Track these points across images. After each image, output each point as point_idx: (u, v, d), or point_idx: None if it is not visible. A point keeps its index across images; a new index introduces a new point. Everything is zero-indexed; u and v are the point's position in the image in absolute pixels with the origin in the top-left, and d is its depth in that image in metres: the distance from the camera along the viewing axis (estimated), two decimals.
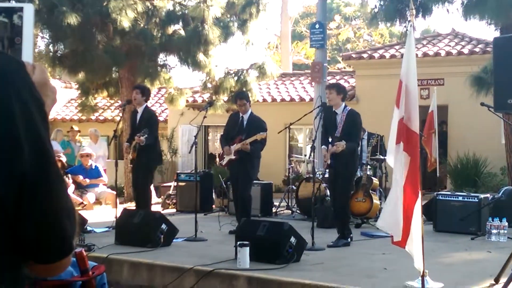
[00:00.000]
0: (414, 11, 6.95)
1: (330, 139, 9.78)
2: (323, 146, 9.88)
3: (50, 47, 17.32)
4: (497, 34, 15.23)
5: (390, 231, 6.54)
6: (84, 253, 3.76)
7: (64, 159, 15.31)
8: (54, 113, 25.53)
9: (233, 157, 10.96)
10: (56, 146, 16.38)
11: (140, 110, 11.48)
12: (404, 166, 6.33)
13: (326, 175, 12.80)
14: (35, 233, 1.64)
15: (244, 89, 17.58)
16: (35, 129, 1.64)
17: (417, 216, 6.33)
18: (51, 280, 3.64)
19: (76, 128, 18.53)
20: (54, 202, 1.65)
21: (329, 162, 9.69)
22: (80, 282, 3.76)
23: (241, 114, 11.19)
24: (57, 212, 1.66)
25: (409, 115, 6.41)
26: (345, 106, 9.91)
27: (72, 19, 15.03)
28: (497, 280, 6.89)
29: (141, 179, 11.42)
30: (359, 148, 12.76)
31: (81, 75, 18.00)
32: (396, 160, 6.50)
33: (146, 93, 11.63)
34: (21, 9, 1.83)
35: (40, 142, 1.65)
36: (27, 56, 1.82)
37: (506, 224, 10.07)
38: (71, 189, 14.92)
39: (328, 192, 12.41)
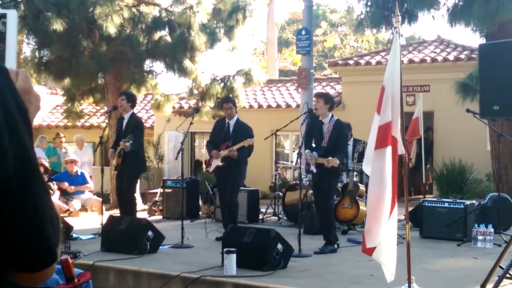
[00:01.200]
0: (399, 18, 6.97)
1: (314, 145, 9.79)
2: (307, 151, 9.87)
3: (36, 53, 17.25)
4: (482, 40, 15.30)
5: (366, 238, 6.52)
6: (70, 261, 3.72)
7: (46, 163, 15.25)
8: (40, 119, 25.43)
9: (220, 163, 10.94)
10: (40, 153, 16.31)
11: (126, 116, 11.44)
12: (385, 172, 6.31)
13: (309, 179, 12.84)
14: (18, 241, 1.63)
15: (231, 95, 17.58)
16: (19, 137, 1.63)
17: (393, 224, 6.33)
18: None
19: (61, 134, 18.46)
20: (37, 210, 1.64)
21: (314, 171, 9.70)
22: None
23: (227, 120, 11.17)
24: (40, 220, 1.64)
25: (393, 121, 6.40)
26: (332, 116, 9.92)
27: (58, 25, 14.98)
28: (483, 287, 6.90)
29: (125, 186, 11.35)
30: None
31: (66, 81, 17.94)
32: (374, 166, 6.46)
33: (132, 100, 11.59)
34: (4, 15, 1.81)
35: (24, 150, 1.63)
36: (10, 63, 1.81)
37: (492, 230, 10.10)
38: (56, 195, 14.85)
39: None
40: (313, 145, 9.78)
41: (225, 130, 11.10)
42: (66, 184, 15.29)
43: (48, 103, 26.02)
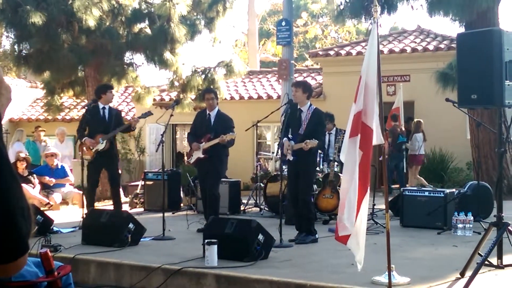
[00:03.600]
0: (378, 8, 6.99)
1: (291, 135, 9.80)
2: (284, 139, 9.87)
3: (15, 46, 17.15)
4: (462, 30, 15.38)
5: (338, 226, 6.56)
6: (49, 254, 3.72)
7: (29, 158, 15.21)
8: (20, 113, 25.29)
9: (201, 155, 10.91)
10: (20, 147, 16.23)
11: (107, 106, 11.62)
12: (357, 161, 6.34)
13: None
14: None
15: (212, 87, 17.57)
16: None
17: (364, 212, 6.36)
18: (16, 281, 3.60)
19: (41, 127, 18.35)
20: (8, 201, 1.63)
21: (291, 158, 9.71)
22: (46, 283, 3.72)
23: (208, 112, 11.12)
24: (11, 211, 1.64)
25: (365, 110, 6.41)
26: (310, 105, 9.93)
27: (37, 18, 14.91)
28: (462, 274, 6.95)
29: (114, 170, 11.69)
30: (325, 144, 12.86)
31: (46, 75, 17.86)
32: (348, 154, 6.50)
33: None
34: None
35: None
36: None
37: (472, 218, 10.16)
38: (37, 189, 14.79)
39: None
40: (290, 136, 9.79)
41: (206, 122, 11.06)
42: (47, 178, 15.22)
43: (28, 97, 25.87)
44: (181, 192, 14.79)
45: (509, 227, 6.92)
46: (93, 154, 11.44)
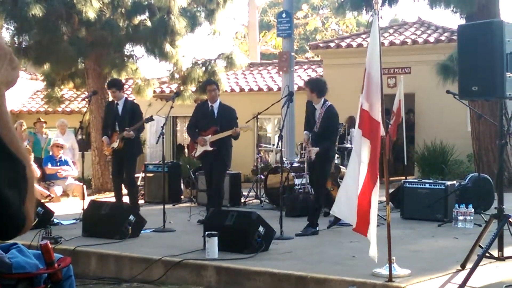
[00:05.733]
0: (379, 0, 6.97)
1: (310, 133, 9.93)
2: (305, 132, 10.00)
3: (15, 38, 17.10)
4: (462, 22, 15.35)
5: (345, 218, 6.59)
6: (50, 246, 3.72)
7: (30, 150, 15.22)
8: (20, 105, 25.27)
9: (210, 148, 10.72)
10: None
11: (121, 102, 11.49)
12: (366, 153, 6.37)
13: (295, 164, 12.87)
14: None
15: (212, 79, 17.55)
16: None
17: (374, 203, 6.38)
18: (16, 273, 3.60)
19: (42, 120, 18.33)
20: None
21: (313, 157, 9.79)
22: (46, 274, 3.72)
23: (210, 104, 10.98)
24: None
25: (371, 102, 6.43)
26: (325, 102, 9.93)
27: (37, 10, 14.87)
28: (463, 266, 6.96)
29: (128, 169, 11.50)
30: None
31: (46, 67, 17.82)
32: (355, 145, 6.55)
33: (121, 86, 11.72)
34: None
35: None
36: None
37: (472, 210, 10.16)
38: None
39: (296, 181, 12.47)
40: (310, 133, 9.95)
41: (209, 114, 10.89)
42: (50, 165, 15.27)
43: (28, 89, 25.84)
44: (182, 184, 14.80)
45: (510, 219, 6.92)
46: (110, 152, 11.48)
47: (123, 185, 11.75)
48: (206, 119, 10.83)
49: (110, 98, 12.84)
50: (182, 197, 14.54)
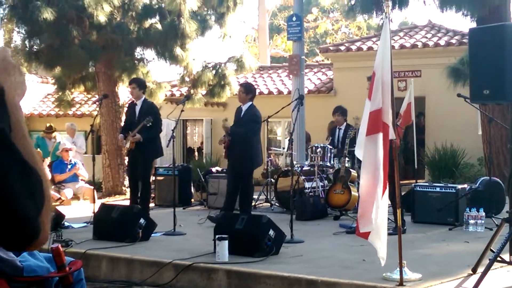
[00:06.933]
0: (390, 3, 6.96)
1: None
2: None
3: (26, 42, 17.16)
4: (473, 25, 15.31)
5: (360, 222, 6.57)
6: (61, 249, 3.72)
7: (40, 153, 15.25)
8: (31, 108, 25.36)
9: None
10: None
11: (138, 102, 11.55)
12: (379, 158, 6.35)
13: (305, 168, 12.87)
14: None
15: (222, 83, 17.59)
16: None
17: (384, 208, 6.36)
18: (27, 276, 3.60)
19: (53, 127, 18.26)
20: (5, 185, 1.60)
21: None
22: (57, 278, 3.72)
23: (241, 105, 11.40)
24: (10, 195, 1.60)
25: (384, 107, 6.42)
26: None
27: (48, 14, 14.92)
28: (474, 270, 6.93)
29: (143, 171, 11.51)
30: (335, 139, 12.83)
31: (57, 70, 17.87)
32: (366, 151, 6.50)
33: (143, 86, 11.83)
34: None
35: None
36: None
37: (484, 214, 10.12)
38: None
39: (306, 185, 12.47)
40: None
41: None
42: (59, 172, 15.30)
43: (39, 92, 25.94)
44: (192, 188, 14.81)
45: None
46: (126, 152, 11.59)
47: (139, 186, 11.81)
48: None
49: (127, 99, 12.93)
50: (193, 200, 14.55)
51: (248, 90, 11.31)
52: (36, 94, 25.60)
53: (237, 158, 10.99)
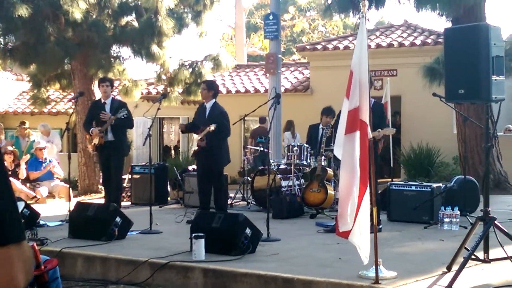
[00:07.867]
0: (366, 2, 7.00)
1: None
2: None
3: (1, 39, 17.02)
4: (448, 25, 15.40)
5: (339, 222, 6.59)
6: (36, 247, 3.70)
7: (17, 151, 15.16)
8: (6, 106, 25.15)
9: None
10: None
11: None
12: (357, 157, 6.38)
13: (282, 166, 12.88)
14: None
15: (199, 81, 17.54)
16: None
17: (365, 207, 6.38)
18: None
19: (27, 124, 18.15)
20: None
21: None
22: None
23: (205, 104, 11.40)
24: None
25: (361, 105, 6.45)
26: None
27: (23, 11, 14.81)
28: (449, 268, 6.98)
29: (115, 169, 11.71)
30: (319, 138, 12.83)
31: (32, 67, 17.75)
32: (345, 151, 6.53)
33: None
34: None
35: None
36: None
37: (458, 212, 10.19)
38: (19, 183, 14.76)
39: (283, 183, 12.50)
40: None
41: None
42: (34, 170, 15.22)
43: (14, 90, 25.73)
44: (168, 186, 14.77)
45: (496, 222, 6.95)
46: (92, 148, 11.68)
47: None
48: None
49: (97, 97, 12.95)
50: (169, 198, 14.52)
51: (210, 86, 11.36)
52: (11, 91, 25.40)
53: (208, 157, 10.96)
